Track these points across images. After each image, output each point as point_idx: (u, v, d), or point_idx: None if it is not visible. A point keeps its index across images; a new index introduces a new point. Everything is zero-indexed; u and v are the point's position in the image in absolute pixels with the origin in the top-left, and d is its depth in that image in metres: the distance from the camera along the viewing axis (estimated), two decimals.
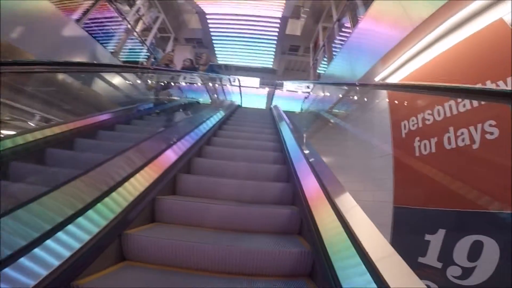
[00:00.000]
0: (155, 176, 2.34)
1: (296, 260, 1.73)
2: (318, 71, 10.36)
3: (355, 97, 5.44)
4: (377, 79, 4.56)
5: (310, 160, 2.90)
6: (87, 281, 1.37)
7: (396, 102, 4.04)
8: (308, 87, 15.35)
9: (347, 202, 1.85)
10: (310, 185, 2.35)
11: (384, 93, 4.39)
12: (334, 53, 7.74)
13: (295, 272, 1.74)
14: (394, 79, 4.29)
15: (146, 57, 9.74)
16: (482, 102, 2.61)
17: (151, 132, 2.81)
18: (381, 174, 4.25)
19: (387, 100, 4.22)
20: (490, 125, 2.51)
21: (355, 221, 1.57)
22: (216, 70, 6.67)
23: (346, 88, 5.61)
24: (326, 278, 1.35)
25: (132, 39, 9.05)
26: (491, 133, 2.50)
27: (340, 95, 5.90)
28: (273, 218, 2.31)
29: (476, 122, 2.64)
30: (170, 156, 2.79)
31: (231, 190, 2.81)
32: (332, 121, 6.61)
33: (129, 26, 8.49)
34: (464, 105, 2.84)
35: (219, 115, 5.79)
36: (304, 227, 2.12)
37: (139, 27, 10.27)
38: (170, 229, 2.11)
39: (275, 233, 2.22)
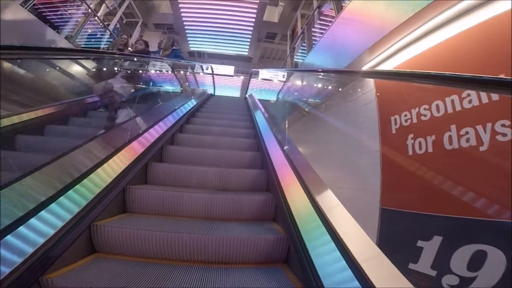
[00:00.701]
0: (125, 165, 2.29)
1: (271, 246, 1.74)
2: (295, 59, 9.90)
3: (337, 87, 5.05)
4: (364, 68, 4.17)
5: (285, 148, 2.87)
6: (56, 275, 1.32)
7: (385, 94, 3.68)
8: (284, 76, 15.12)
9: (322, 190, 1.85)
10: (285, 173, 2.34)
11: (370, 84, 4.02)
12: (314, 41, 7.30)
13: (271, 259, 1.75)
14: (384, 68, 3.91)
15: (109, 43, 8.92)
16: (494, 99, 2.27)
17: (85, 137, 2.29)
18: (367, 172, 3.92)
19: (374, 91, 3.86)
20: (503, 125, 2.17)
21: (328, 206, 1.61)
22: (180, 55, 5.72)
23: (322, 76, 5.21)
24: (301, 262, 1.40)
25: (94, 24, 8.25)
26: (504, 135, 2.17)
27: (320, 85, 5.50)
28: (249, 204, 2.29)
29: (485, 121, 2.30)
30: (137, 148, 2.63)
31: (205, 179, 2.76)
32: (311, 111, 6.24)
33: (89, 10, 7.64)
34: (470, 101, 2.48)
35: (190, 104, 5.33)
36: (279, 213, 2.14)
37: (101, 11, 9.36)
38: (142, 219, 2.06)
39: (250, 220, 2.25)
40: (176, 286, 1.36)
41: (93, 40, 8.38)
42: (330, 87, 5.18)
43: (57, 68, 3.94)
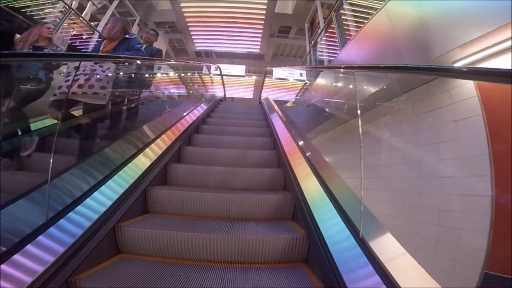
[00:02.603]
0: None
1: (291, 245, 1.75)
2: (319, 57, 8.45)
3: (395, 92, 3.65)
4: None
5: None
6: (83, 277, 1.36)
7: (503, 107, 2.30)
8: (301, 74, 13.87)
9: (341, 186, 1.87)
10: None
11: (467, 89, 2.64)
12: (348, 34, 5.87)
13: (290, 258, 1.76)
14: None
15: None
16: None
17: None
18: (458, 220, 2.71)
19: (479, 100, 2.49)
20: None
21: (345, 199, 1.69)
22: (137, 46, 3.36)
23: (367, 76, 3.84)
24: (321, 260, 1.42)
25: (80, 25, 7.14)
26: None
27: (365, 87, 4.12)
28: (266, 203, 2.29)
29: None
30: None
31: None
32: (349, 122, 4.87)
33: (68, 8, 6.47)
34: None
35: (189, 119, 4.06)
36: (298, 212, 2.15)
37: (88, 9, 8.21)
38: (164, 220, 2.10)
39: (269, 219, 2.24)
40: (198, 286, 1.38)
41: (77, 42, 7.25)
42: (381, 91, 3.79)
43: None
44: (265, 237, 1.73)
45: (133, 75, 3.75)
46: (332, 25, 7.31)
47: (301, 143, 3.01)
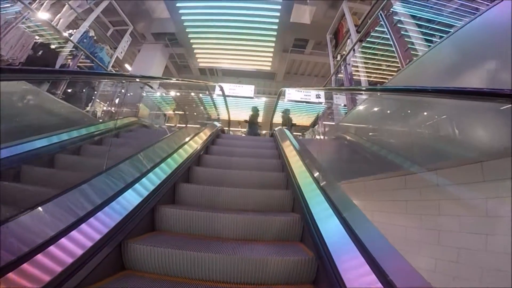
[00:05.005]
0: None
1: (297, 270, 1.75)
2: (353, 76, 6.85)
3: None
4: None
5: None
6: None
7: None
8: (318, 96, 12.75)
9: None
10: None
11: None
12: (408, 40, 4.31)
13: (298, 281, 1.76)
14: None
15: (71, 56, 6.42)
16: None
17: None
18: None
19: None
20: None
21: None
22: None
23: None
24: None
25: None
26: None
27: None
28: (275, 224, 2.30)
29: None
30: None
31: None
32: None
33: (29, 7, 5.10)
34: None
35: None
36: (306, 234, 2.14)
37: (63, 13, 6.86)
38: (170, 238, 2.09)
39: (277, 240, 2.26)
40: None
41: (40, 52, 5.83)
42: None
43: None
44: (274, 259, 1.73)
45: None
46: (368, 36, 5.83)
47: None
